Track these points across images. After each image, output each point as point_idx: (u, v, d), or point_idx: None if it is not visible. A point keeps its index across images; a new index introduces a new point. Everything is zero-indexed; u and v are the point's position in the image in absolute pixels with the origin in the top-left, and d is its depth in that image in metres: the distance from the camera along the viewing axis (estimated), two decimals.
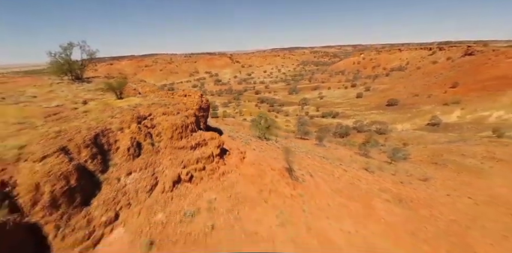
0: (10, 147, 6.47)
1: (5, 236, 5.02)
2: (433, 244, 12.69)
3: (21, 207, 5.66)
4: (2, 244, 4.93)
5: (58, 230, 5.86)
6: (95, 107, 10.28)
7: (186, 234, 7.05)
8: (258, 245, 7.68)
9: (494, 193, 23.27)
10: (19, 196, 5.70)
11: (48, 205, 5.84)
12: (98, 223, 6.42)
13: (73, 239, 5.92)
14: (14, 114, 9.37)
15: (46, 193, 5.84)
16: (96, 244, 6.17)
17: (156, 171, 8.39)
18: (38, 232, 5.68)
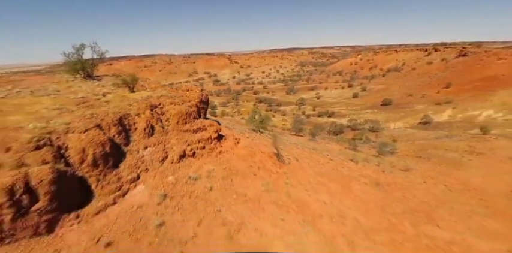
0: (59, 123, 8.70)
1: (66, 182, 7.24)
2: (399, 217, 14.99)
3: (72, 164, 7.88)
4: (66, 187, 7.16)
5: (98, 182, 8.08)
6: (114, 98, 12.53)
7: (191, 191, 9.30)
8: (246, 203, 9.93)
9: (468, 182, 25.58)
10: (70, 156, 7.93)
11: (91, 163, 8.07)
12: (125, 180, 8.65)
13: (108, 189, 8.15)
14: (50, 103, 11.59)
15: (89, 155, 8.07)
16: (124, 195, 8.40)
17: (166, 147, 10.63)
18: (84, 183, 7.91)
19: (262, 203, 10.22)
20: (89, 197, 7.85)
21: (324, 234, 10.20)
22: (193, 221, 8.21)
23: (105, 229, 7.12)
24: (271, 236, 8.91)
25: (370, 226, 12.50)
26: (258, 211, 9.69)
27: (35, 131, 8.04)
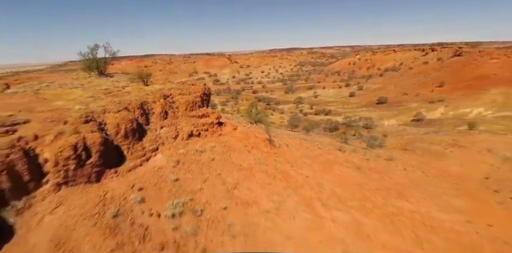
0: (97, 106, 11.42)
1: (108, 146, 9.95)
2: (372, 192, 17.72)
3: (110, 135, 10.59)
4: (107, 150, 9.86)
5: (128, 149, 10.80)
6: (132, 89, 15.25)
7: (198, 160, 12.02)
8: (241, 171, 12.64)
9: (446, 170, 28.39)
10: (108, 129, 10.64)
11: (123, 135, 10.79)
12: (147, 150, 11.36)
13: (136, 155, 10.87)
14: (81, 93, 14.32)
15: (122, 129, 10.79)
16: (148, 160, 11.11)
17: (177, 128, 13.35)
18: (118, 149, 10.63)
19: (253, 172, 12.94)
20: (122, 160, 10.56)
21: (303, 197, 12.92)
22: (199, 179, 10.93)
23: (136, 181, 9.83)
24: (260, 194, 11.63)
25: (345, 196, 15.23)
26: (250, 177, 12.42)
27: (81, 111, 10.76)
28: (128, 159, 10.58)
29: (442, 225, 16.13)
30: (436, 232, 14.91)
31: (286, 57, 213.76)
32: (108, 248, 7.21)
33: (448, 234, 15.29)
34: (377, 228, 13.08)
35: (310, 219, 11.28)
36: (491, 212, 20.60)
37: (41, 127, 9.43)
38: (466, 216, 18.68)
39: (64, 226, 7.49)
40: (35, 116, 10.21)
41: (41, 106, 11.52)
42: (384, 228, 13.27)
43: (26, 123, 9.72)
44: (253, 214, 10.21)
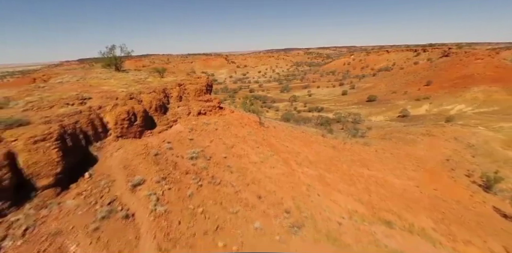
0: (133, 90, 16.28)
1: (146, 116, 14.81)
2: (340, 162, 22.70)
3: (144, 108, 15.45)
4: (145, 117, 14.73)
5: (158, 119, 15.68)
6: (153, 80, 20.13)
7: (205, 129, 16.93)
8: (237, 138, 17.54)
9: (413, 153, 33.50)
10: (144, 105, 15.50)
11: (154, 109, 15.66)
12: (170, 120, 16.24)
13: (163, 123, 15.75)
14: (116, 82, 19.14)
15: (153, 105, 15.65)
16: (171, 127, 15.99)
17: (189, 108, 18.24)
18: (151, 119, 15.49)
19: (246, 139, 17.86)
20: (154, 125, 15.42)
21: (282, 157, 17.87)
22: (207, 140, 15.84)
23: (165, 138, 14.71)
24: (250, 152, 16.55)
25: (316, 161, 20.21)
26: (243, 141, 17.34)
27: (124, 92, 15.61)
28: (158, 125, 15.45)
29: (392, 185, 21.20)
30: (385, 188, 19.95)
31: (282, 57, 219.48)
32: (154, 170, 12.07)
33: (395, 190, 20.34)
34: (337, 180, 18.06)
35: (285, 170, 16.23)
36: (440, 182, 25.73)
37: (101, 102, 14.28)
38: (416, 183, 23.80)
39: (125, 158, 12.36)
40: (93, 95, 15.06)
41: (93, 89, 16.36)
42: (342, 181, 18.25)
43: (89, 99, 14.56)
44: (244, 163, 15.13)
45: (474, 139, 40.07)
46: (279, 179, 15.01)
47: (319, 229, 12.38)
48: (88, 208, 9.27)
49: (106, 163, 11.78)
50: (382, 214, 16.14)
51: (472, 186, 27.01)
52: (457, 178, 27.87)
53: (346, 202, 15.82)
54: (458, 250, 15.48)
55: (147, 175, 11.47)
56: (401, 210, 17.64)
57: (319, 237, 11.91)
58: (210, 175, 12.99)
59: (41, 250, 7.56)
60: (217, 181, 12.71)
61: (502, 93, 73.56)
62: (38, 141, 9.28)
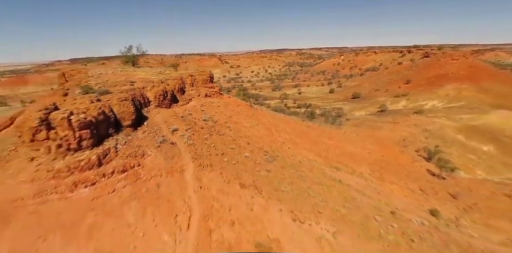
0: (161, 77, 24.04)
1: (173, 94, 22.61)
2: (311, 134, 30.74)
3: (171, 89, 23.22)
4: (173, 96, 22.52)
5: (179, 97, 23.47)
6: (170, 72, 27.89)
7: (211, 105, 24.83)
8: (233, 112, 25.40)
9: (376, 135, 41.80)
10: (170, 87, 23.27)
11: (177, 90, 23.46)
12: (187, 99, 24.05)
13: (183, 100, 23.57)
14: (144, 73, 26.84)
15: (176, 87, 23.45)
16: (188, 103, 23.80)
17: (199, 91, 26.06)
18: (175, 97, 23.27)
19: (240, 113, 25.79)
20: (177, 101, 23.18)
21: (265, 126, 25.81)
22: (213, 112, 23.71)
23: (186, 109, 22.53)
24: (242, 121, 24.46)
25: (291, 131, 28.23)
26: (238, 114, 25.27)
27: (156, 79, 23.33)
28: (180, 101, 23.23)
29: (347, 150, 29.37)
30: (340, 151, 28.09)
31: (275, 57, 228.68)
32: (183, 124, 19.85)
33: (348, 152, 28.50)
34: (304, 143, 26.09)
35: (267, 133, 24.20)
36: (389, 152, 34.07)
37: (143, 84, 21.98)
38: (368, 151, 31.99)
39: (164, 117, 20.12)
40: (136, 80, 22.76)
41: (131, 77, 24.04)
42: (308, 143, 26.29)
43: (134, 82, 22.24)
44: (239, 126, 23.04)
45: (431, 126, 48.82)
46: (261, 136, 22.96)
47: (285, 162, 20.35)
48: (151, 138, 17.03)
49: (153, 119, 19.52)
50: (333, 163, 24.23)
51: (416, 157, 35.49)
52: (406, 151, 36.32)
53: (308, 154, 23.87)
54: (383, 185, 23.65)
55: (179, 126, 19.26)
56: (349, 162, 25.78)
57: (285, 165, 19.87)
58: (217, 130, 20.84)
59: (133, 152, 15.26)
60: (221, 133, 20.59)
61: (470, 90, 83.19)
62: (123, 100, 17.02)
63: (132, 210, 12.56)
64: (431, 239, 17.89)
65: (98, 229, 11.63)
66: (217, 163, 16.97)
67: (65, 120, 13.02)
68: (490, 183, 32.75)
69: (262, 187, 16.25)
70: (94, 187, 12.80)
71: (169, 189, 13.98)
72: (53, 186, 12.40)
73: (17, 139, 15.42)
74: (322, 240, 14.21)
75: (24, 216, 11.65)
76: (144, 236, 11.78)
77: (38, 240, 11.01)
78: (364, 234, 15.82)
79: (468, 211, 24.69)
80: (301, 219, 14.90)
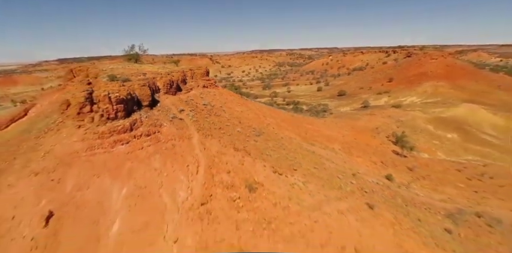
0: (167, 70, 29.23)
1: (177, 84, 27.86)
2: (294, 120, 36.38)
3: (176, 80, 28.44)
4: (177, 85, 27.77)
5: (182, 87, 28.71)
6: (172, 67, 33.07)
7: (208, 94, 30.16)
8: (227, 99, 30.76)
9: (352, 124, 47.80)
10: (175, 78, 28.51)
11: (180, 81, 28.71)
12: (188, 88, 29.31)
13: (185, 89, 28.85)
14: (150, 68, 31.92)
15: (180, 79, 28.70)
16: (189, 92, 29.06)
17: (197, 83, 31.35)
18: (179, 86, 28.51)
19: (232, 101, 31.20)
20: (181, 90, 28.40)
21: (254, 112, 31.29)
22: (210, 98, 29.05)
23: (188, 96, 27.80)
24: (235, 107, 29.87)
25: (276, 117, 33.76)
26: (231, 102, 30.68)
27: (162, 72, 28.50)
28: (183, 90, 28.45)
29: (324, 133, 35.11)
30: (318, 133, 33.79)
31: (265, 58, 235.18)
32: (187, 106, 25.13)
33: (324, 134, 34.20)
34: (288, 125, 31.66)
35: (255, 117, 29.68)
36: (362, 136, 40.00)
37: (153, 75, 27.14)
38: (343, 135, 37.79)
39: (172, 101, 25.37)
40: (147, 72, 27.89)
41: (141, 70, 29.12)
42: (290, 126, 31.86)
43: (145, 74, 27.36)
44: (232, 110, 28.44)
45: (404, 117, 55.32)
46: (251, 119, 28.42)
47: (270, 137, 25.85)
48: (164, 115, 22.24)
49: (164, 102, 24.71)
50: (310, 141, 29.87)
51: (386, 141, 41.58)
52: (377, 137, 42.39)
53: (289, 134, 29.45)
54: (350, 158, 29.40)
55: (184, 108, 24.54)
56: (323, 141, 31.48)
57: (269, 139, 25.36)
58: (214, 112, 26.19)
59: (153, 123, 20.44)
60: (218, 114, 25.95)
61: (446, 87, 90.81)
62: (142, 86, 22.20)
63: (157, 160, 17.78)
64: (381, 193, 23.68)
65: (134, 172, 16.81)
66: (216, 134, 22.32)
67: (106, 96, 18.17)
68: (447, 162, 39.12)
69: (251, 151, 21.68)
70: (128, 145, 17.96)
71: (181, 148, 19.25)
72: (99, 144, 17.50)
73: (60, 115, 20.49)
74: (295, 185, 19.72)
75: (81, 163, 16.73)
76: (167, 176, 17.01)
77: (93, 177, 16.14)
78: (328, 185, 21.43)
79: (420, 179, 30.73)
80: (280, 172, 20.39)
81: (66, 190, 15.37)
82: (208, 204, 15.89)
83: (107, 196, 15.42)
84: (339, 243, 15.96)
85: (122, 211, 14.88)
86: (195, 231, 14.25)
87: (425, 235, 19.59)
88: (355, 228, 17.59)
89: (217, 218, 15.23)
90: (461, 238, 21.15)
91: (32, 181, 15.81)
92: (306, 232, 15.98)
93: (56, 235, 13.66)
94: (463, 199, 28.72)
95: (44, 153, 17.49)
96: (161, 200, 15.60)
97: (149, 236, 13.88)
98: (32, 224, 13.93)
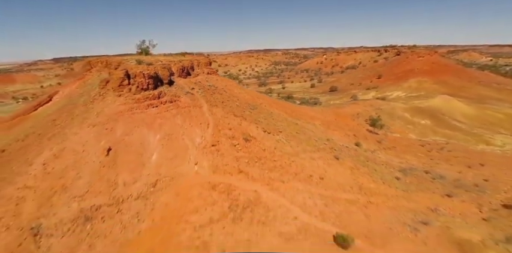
0: (177, 60, 36.53)
1: (188, 70, 35.17)
2: (285, 104, 43.84)
3: (186, 66, 35.73)
4: (187, 70, 35.08)
5: (191, 72, 36.04)
6: (181, 57, 40.34)
7: (212, 79, 37.54)
8: (227, 84, 38.09)
9: (336, 111, 55.34)
10: (186, 65, 35.80)
11: (189, 68, 36.07)
12: (195, 74, 36.65)
13: (193, 75, 36.16)
14: (164, 58, 39.13)
15: (188, 66, 36.04)
16: (196, 77, 36.34)
17: (203, 70, 38.70)
18: (189, 71, 35.82)
19: (232, 86, 38.63)
20: (190, 75, 35.67)
21: (250, 95, 38.68)
22: (215, 82, 36.43)
23: (196, 79, 35.15)
24: (234, 89, 37.28)
25: (271, 101, 41.16)
26: (231, 85, 38.14)
27: (176, 60, 35.76)
28: (191, 75, 35.75)
29: (309, 114, 42.59)
30: (304, 114, 41.22)
31: (262, 57, 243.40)
32: (196, 86, 32.44)
33: (308, 115, 41.68)
34: (277, 106, 39.05)
35: (250, 97, 37.12)
36: (342, 119, 47.59)
37: (168, 63, 34.35)
38: (325, 116, 45.30)
39: (184, 82, 32.63)
40: (162, 61, 35.10)
41: (158, 60, 36.29)
42: (280, 107, 39.27)
43: (162, 62, 34.56)
44: (232, 91, 35.83)
45: (384, 106, 63.07)
46: (247, 98, 35.79)
47: (262, 110, 33.24)
48: (180, 90, 29.54)
49: (178, 83, 31.91)
50: (295, 117, 37.24)
51: (363, 123, 49.14)
52: (356, 120, 49.96)
53: (278, 111, 36.86)
54: (328, 130, 36.82)
55: (194, 87, 31.84)
56: (307, 118, 38.90)
57: (261, 112, 32.72)
58: (217, 91, 33.50)
59: (174, 94, 27.66)
60: (220, 93, 33.29)
61: (429, 83, 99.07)
62: (163, 68, 29.49)
63: (179, 119, 24.99)
64: (348, 152, 31.12)
65: (163, 125, 24.00)
66: (220, 105, 29.63)
67: (141, 73, 25.41)
68: (414, 140, 46.82)
69: (247, 117, 29.01)
70: (157, 108, 25.16)
71: (195, 112, 26.50)
72: (136, 106, 24.67)
73: (101, 90, 27.62)
74: (279, 141, 27.06)
75: (125, 119, 23.87)
76: (187, 129, 24.23)
77: (135, 128, 23.30)
78: (305, 143, 28.81)
79: (385, 149, 38.29)
80: (268, 131, 27.75)
81: (117, 135, 22.52)
82: (217, 145, 23.15)
83: (145, 139, 22.61)
84: (308, 173, 23.30)
85: (157, 148, 22.09)
86: (208, 159, 21.50)
87: (377, 177, 27.01)
88: (322, 167, 24.96)
89: (223, 154, 22.48)
90: (406, 183, 28.59)
91: (91, 130, 22.95)
92: (285, 166, 23.32)
93: (115, 161, 20.80)
94: (419, 163, 36.24)
95: (97, 113, 24.61)
96: (184, 142, 22.83)
97: (178, 161, 21.10)
98: (97, 154, 21.06)
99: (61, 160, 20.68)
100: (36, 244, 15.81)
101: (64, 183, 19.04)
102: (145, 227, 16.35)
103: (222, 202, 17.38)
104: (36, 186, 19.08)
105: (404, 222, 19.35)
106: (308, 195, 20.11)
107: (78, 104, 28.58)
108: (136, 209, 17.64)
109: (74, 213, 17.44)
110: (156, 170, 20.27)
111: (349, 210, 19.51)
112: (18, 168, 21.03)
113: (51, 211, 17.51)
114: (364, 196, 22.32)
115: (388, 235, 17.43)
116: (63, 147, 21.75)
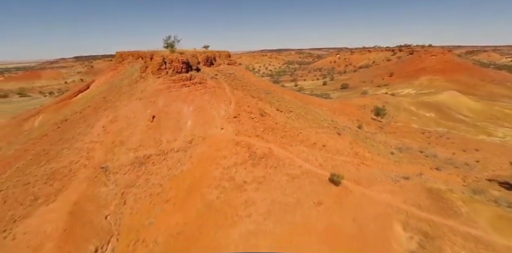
0: (203, 51, 42.59)
1: (208, 60, 41.20)
2: (298, 94, 49.29)
3: (210, 57, 41.75)
4: (209, 61, 41.10)
5: (214, 63, 42.03)
6: (206, 50, 46.45)
7: (232, 68, 43.41)
8: (245, 73, 43.88)
9: (344, 102, 60.26)
10: (210, 56, 41.84)
11: (213, 59, 42.06)
12: (218, 64, 42.62)
13: (216, 64, 42.17)
14: (192, 50, 45.33)
15: (213, 57, 42.07)
16: (218, 66, 42.31)
17: (223, 61, 44.65)
18: (212, 62, 41.84)
19: (249, 74, 44.36)
20: (213, 64, 41.67)
21: (265, 83, 44.27)
22: (234, 71, 42.26)
23: (219, 68, 41.16)
24: (251, 77, 43.02)
25: (283, 90, 46.68)
26: (247, 74, 43.97)
27: (201, 51, 41.82)
28: (214, 65, 41.77)
29: (317, 101, 47.87)
30: (313, 101, 46.52)
31: (275, 56, 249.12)
32: (219, 73, 38.34)
33: (318, 102, 46.95)
34: (289, 93, 44.56)
35: (265, 85, 42.83)
36: (348, 108, 52.48)
37: (195, 54, 40.43)
38: (333, 104, 50.38)
39: (208, 70, 38.62)
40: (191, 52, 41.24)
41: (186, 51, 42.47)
42: (291, 94, 44.75)
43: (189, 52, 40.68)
44: (249, 79, 41.61)
45: (391, 100, 67.38)
46: (262, 85, 41.46)
47: (275, 95, 38.82)
48: (206, 75, 35.66)
49: (203, 70, 37.95)
50: (305, 102, 42.55)
51: (368, 113, 53.86)
52: (361, 110, 54.74)
53: (289, 97, 42.27)
54: (333, 115, 41.98)
55: (217, 73, 37.79)
56: (315, 105, 44.16)
57: (275, 96, 38.30)
58: (237, 78, 39.35)
59: (202, 77, 33.59)
60: (240, 79, 39.11)
61: (441, 80, 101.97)
62: (193, 56, 35.62)
63: (206, 96, 30.90)
64: (349, 131, 36.22)
65: (194, 101, 29.96)
66: (240, 88, 35.42)
67: (176, 58, 31.48)
68: (415, 128, 51.15)
69: (262, 99, 34.67)
70: (189, 88, 31.15)
71: (220, 93, 32.35)
72: (172, 86, 30.74)
73: (141, 74, 33.85)
74: (289, 118, 32.52)
75: (164, 95, 29.95)
76: (213, 104, 30.08)
77: (172, 102, 29.33)
78: (312, 121, 34.15)
79: (386, 133, 43.05)
80: (280, 110, 33.27)
81: (159, 106, 28.62)
82: (238, 117, 28.91)
83: (181, 110, 28.62)
84: (312, 141, 28.66)
85: (191, 116, 28.04)
86: (232, 126, 27.29)
87: (373, 150, 32.03)
88: (325, 139, 30.27)
89: (243, 123, 28.20)
90: (400, 156, 33.43)
91: (139, 102, 29.16)
92: (293, 135, 28.78)
93: (159, 125, 26.85)
94: (416, 145, 40.80)
95: (141, 90, 30.85)
96: (212, 113, 28.71)
97: (207, 126, 26.96)
98: (145, 120, 27.18)
99: (117, 124, 26.94)
100: (106, 177, 21.92)
101: (121, 139, 25.22)
102: (186, 168, 22.20)
103: (243, 153, 22.99)
104: (100, 140, 25.36)
105: (389, 175, 24.38)
106: (311, 154, 25.46)
107: (122, 85, 35.00)
108: (178, 157, 23.57)
109: (131, 159, 23.53)
110: (191, 132, 26.16)
111: (343, 165, 24.77)
112: (83, 130, 27.44)
113: (114, 157, 23.67)
114: (358, 160, 27.48)
115: (373, 182, 22.52)
116: (117, 115, 28.05)
